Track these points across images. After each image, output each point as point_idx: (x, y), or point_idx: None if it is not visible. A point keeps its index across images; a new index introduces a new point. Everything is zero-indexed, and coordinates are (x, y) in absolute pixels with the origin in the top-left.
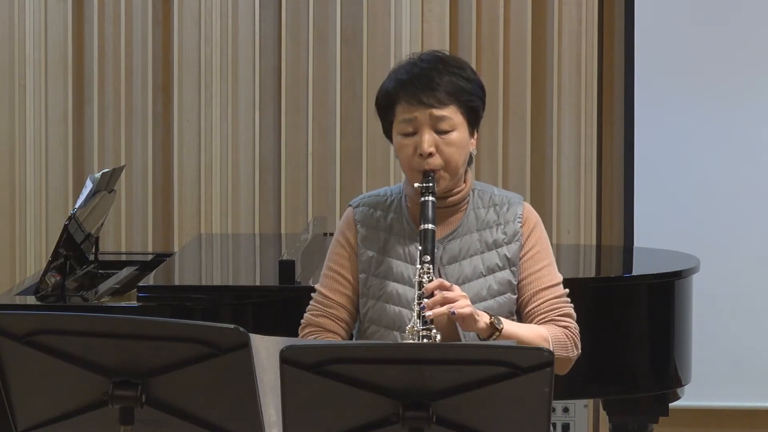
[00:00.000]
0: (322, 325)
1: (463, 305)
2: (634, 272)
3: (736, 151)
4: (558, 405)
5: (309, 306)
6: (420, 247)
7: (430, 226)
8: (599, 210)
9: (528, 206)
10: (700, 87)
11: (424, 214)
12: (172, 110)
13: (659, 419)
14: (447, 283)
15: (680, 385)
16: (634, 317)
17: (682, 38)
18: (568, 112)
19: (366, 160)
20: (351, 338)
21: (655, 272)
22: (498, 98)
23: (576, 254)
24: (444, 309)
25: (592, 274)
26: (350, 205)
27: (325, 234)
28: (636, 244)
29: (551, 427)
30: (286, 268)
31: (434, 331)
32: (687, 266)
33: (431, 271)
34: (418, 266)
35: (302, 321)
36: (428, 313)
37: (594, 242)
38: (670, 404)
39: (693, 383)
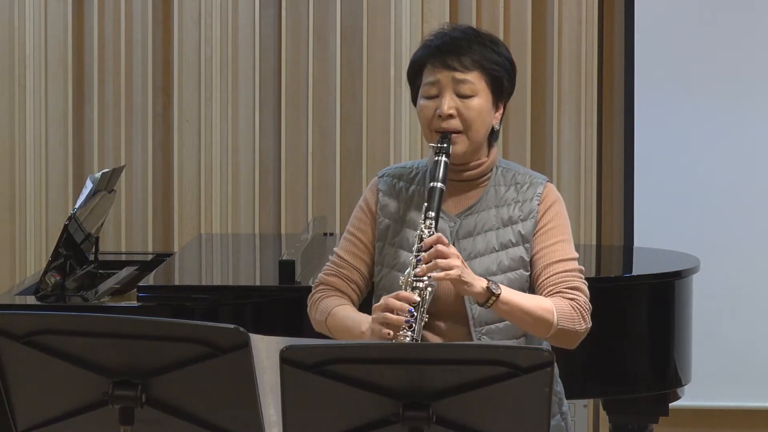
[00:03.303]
0: (333, 284)
1: (452, 264)
2: (634, 272)
3: (736, 151)
4: None
5: (324, 267)
6: (426, 203)
7: (439, 184)
8: (599, 210)
9: (551, 187)
10: (700, 87)
11: (434, 172)
12: (172, 110)
13: (659, 419)
14: (444, 239)
15: (680, 385)
16: (634, 317)
17: (683, 38)
18: (568, 112)
19: (366, 160)
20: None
21: (655, 272)
22: None
23: None
24: (428, 267)
25: (592, 274)
26: (377, 175)
27: (325, 234)
28: (636, 244)
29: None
30: (286, 268)
31: (427, 281)
32: (687, 266)
33: (433, 226)
34: (421, 222)
35: (316, 280)
36: (418, 269)
37: (594, 242)
38: (670, 404)
39: (693, 383)
